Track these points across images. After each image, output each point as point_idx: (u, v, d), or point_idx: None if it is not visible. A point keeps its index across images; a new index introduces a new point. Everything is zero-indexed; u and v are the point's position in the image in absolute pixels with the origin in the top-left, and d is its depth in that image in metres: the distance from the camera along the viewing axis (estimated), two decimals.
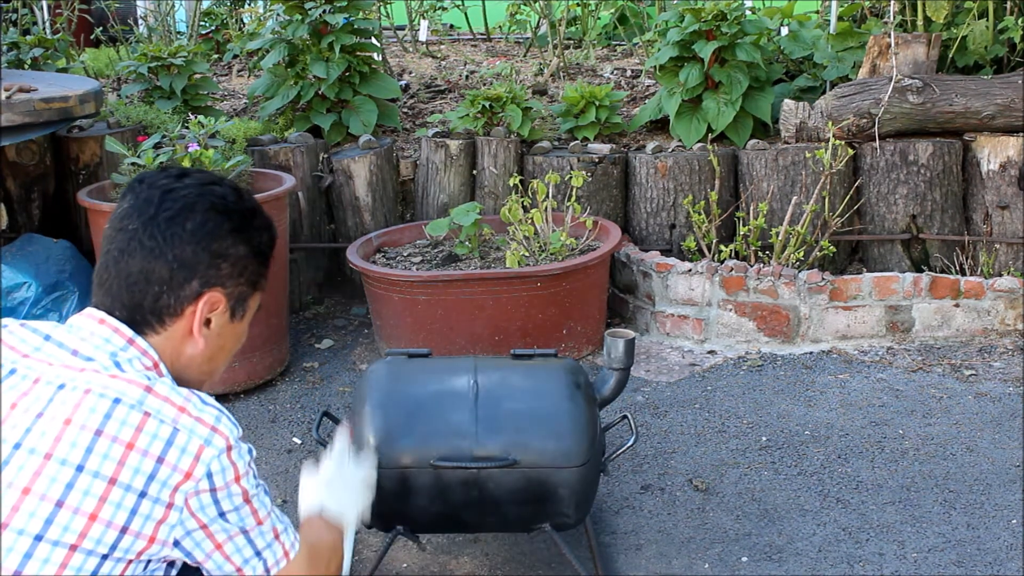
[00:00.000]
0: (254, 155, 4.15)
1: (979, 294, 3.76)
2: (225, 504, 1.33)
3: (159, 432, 1.28)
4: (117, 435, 1.26)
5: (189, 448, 1.28)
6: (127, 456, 1.26)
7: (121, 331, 1.38)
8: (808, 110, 4.28)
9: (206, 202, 1.41)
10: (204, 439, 1.30)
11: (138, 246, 1.38)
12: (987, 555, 2.49)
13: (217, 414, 1.33)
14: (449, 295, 3.55)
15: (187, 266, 1.39)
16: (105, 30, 6.46)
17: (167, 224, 1.39)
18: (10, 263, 3.52)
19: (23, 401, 1.30)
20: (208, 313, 1.43)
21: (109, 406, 1.27)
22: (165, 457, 1.27)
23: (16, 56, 4.70)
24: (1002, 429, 3.13)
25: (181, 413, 1.30)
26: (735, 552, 2.54)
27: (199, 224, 1.40)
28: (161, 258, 1.38)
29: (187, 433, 1.29)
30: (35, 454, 1.25)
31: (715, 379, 3.57)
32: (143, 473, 1.26)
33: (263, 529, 1.39)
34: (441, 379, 2.28)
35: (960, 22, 4.56)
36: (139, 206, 1.40)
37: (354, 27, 4.45)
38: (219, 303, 1.44)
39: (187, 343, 1.43)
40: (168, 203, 1.40)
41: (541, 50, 6.10)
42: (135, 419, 1.27)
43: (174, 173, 1.45)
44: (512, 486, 2.15)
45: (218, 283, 1.43)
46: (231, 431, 1.33)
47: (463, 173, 4.37)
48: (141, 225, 1.39)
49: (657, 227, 4.27)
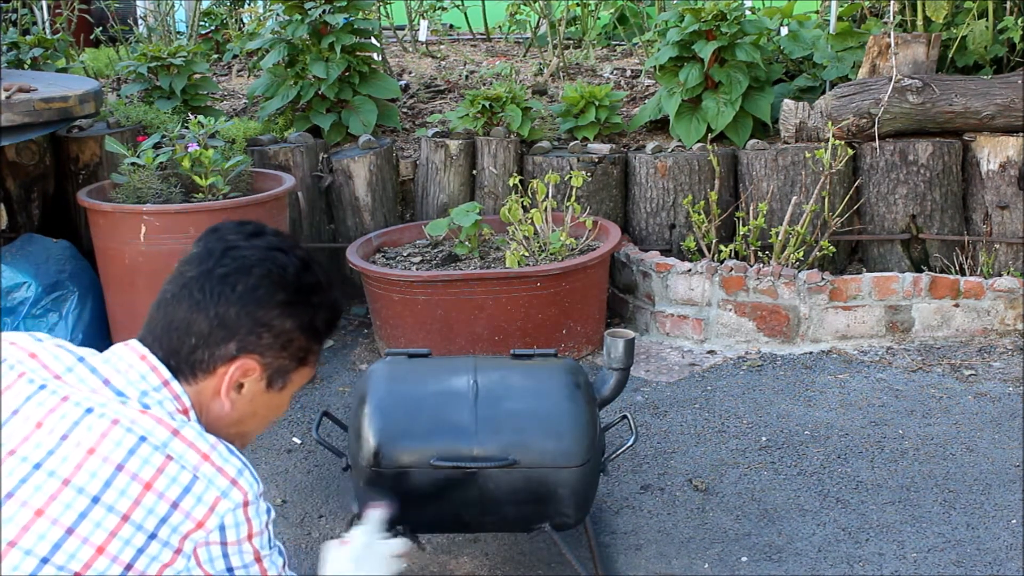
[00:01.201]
0: (254, 155, 4.15)
1: (979, 294, 3.76)
2: (234, 560, 1.31)
3: (179, 477, 1.27)
4: (137, 473, 1.25)
5: (205, 498, 1.27)
6: (143, 496, 1.25)
7: (159, 371, 1.37)
8: (808, 110, 4.28)
9: (264, 268, 1.39)
10: (222, 491, 1.28)
11: (187, 295, 1.37)
12: (987, 555, 2.49)
13: (240, 467, 1.31)
14: (449, 295, 3.55)
15: (227, 327, 1.37)
16: (105, 30, 6.46)
17: (219, 281, 1.37)
18: (10, 263, 3.52)
19: (49, 420, 1.29)
20: (240, 378, 1.41)
21: (134, 442, 1.27)
22: (180, 503, 1.26)
23: (16, 56, 4.70)
24: (1002, 429, 3.13)
25: (204, 461, 1.29)
26: (735, 552, 2.54)
27: (249, 288, 1.38)
28: (204, 312, 1.37)
29: (205, 482, 1.28)
30: (54, 477, 1.25)
31: (715, 379, 3.57)
32: (156, 515, 1.25)
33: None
34: (441, 379, 2.27)
35: (960, 22, 4.56)
36: (201, 255, 1.40)
37: (354, 27, 4.45)
38: (253, 370, 1.41)
39: (215, 402, 1.41)
40: (227, 260, 1.39)
41: (541, 50, 6.10)
42: (157, 460, 1.26)
43: (249, 230, 1.43)
44: (512, 486, 2.15)
45: (256, 351, 1.40)
46: (251, 487, 1.31)
47: (463, 173, 4.37)
48: (196, 275, 1.38)
49: (657, 227, 4.27)
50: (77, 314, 3.56)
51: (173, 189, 3.54)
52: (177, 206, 3.36)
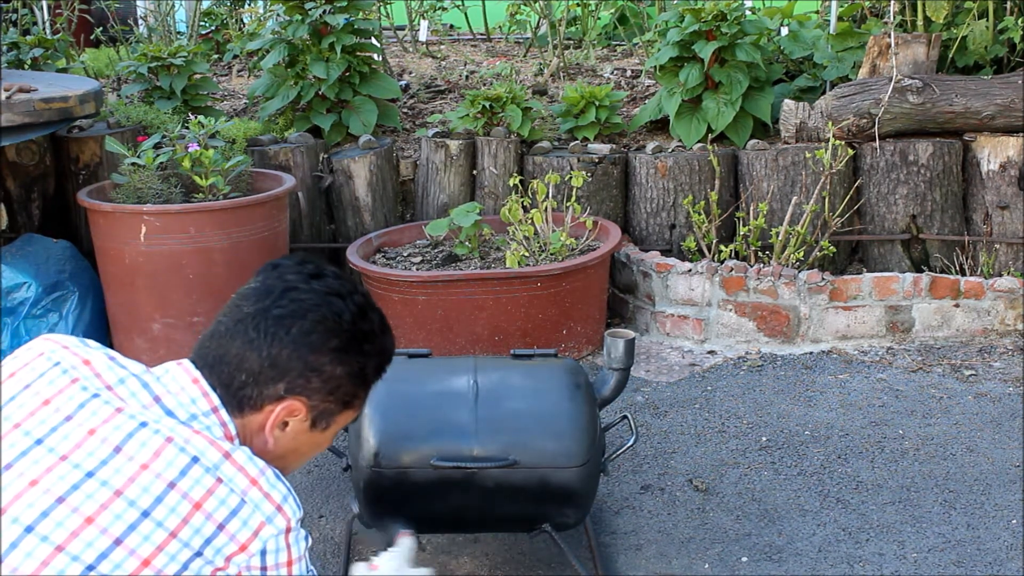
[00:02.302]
0: (254, 155, 4.15)
1: (979, 294, 3.76)
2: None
3: (227, 500, 1.28)
4: (188, 492, 1.26)
5: (250, 522, 1.28)
6: (192, 515, 1.26)
7: (210, 397, 1.38)
8: (808, 110, 4.28)
9: (319, 313, 1.39)
10: (267, 516, 1.30)
11: (242, 331, 1.38)
12: (987, 555, 2.49)
13: (285, 493, 1.33)
14: (449, 295, 3.55)
15: (278, 367, 1.38)
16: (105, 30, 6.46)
17: (274, 322, 1.38)
18: (10, 263, 3.52)
19: (102, 429, 1.29)
20: (285, 417, 1.42)
21: (187, 462, 1.27)
22: (226, 526, 1.27)
23: (16, 56, 4.70)
24: (1002, 429, 3.13)
25: (252, 486, 1.30)
26: (735, 552, 2.54)
27: (303, 332, 1.39)
28: (257, 351, 1.38)
29: (252, 507, 1.29)
30: (106, 487, 1.25)
31: (715, 379, 3.57)
32: (202, 535, 1.26)
33: None
34: (441, 379, 2.28)
35: (960, 22, 4.56)
36: (260, 292, 1.40)
37: (354, 27, 4.44)
38: (299, 411, 1.42)
39: (258, 437, 1.43)
40: (284, 301, 1.39)
41: (541, 50, 6.10)
42: (208, 481, 1.27)
43: (309, 271, 1.43)
44: (512, 486, 2.15)
45: (304, 394, 1.41)
46: (294, 513, 1.33)
47: (463, 173, 4.37)
48: (253, 312, 1.39)
49: (657, 227, 4.27)
50: (77, 314, 3.57)
51: (173, 189, 3.54)
52: (177, 206, 3.36)
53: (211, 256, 3.34)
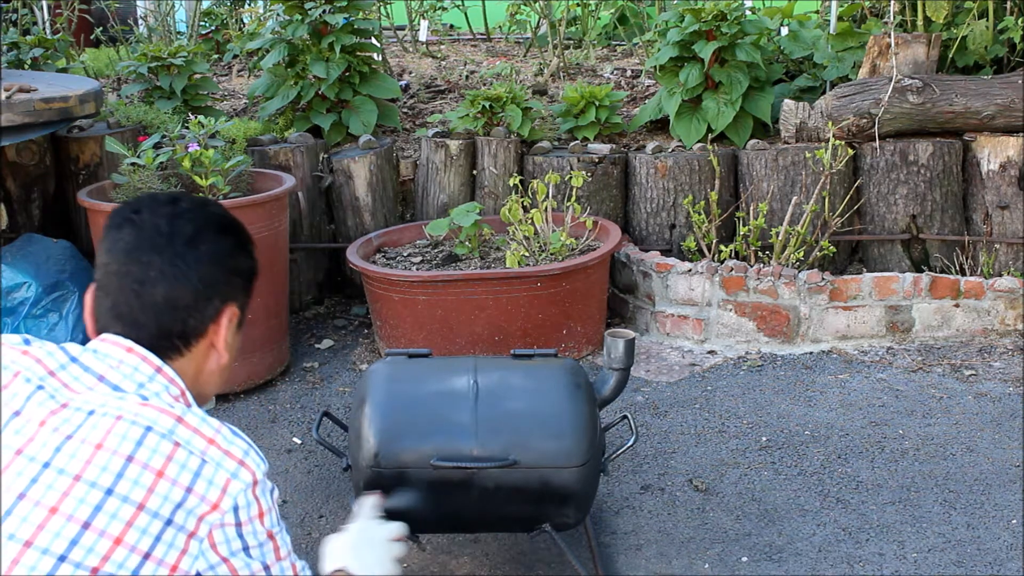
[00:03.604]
0: (254, 155, 4.15)
1: (979, 294, 3.76)
2: (250, 539, 1.34)
3: (188, 463, 1.29)
4: (148, 462, 1.27)
5: (216, 480, 1.30)
6: (156, 484, 1.26)
7: (149, 360, 1.39)
8: (808, 110, 4.28)
9: (212, 224, 1.45)
10: (231, 472, 1.31)
11: (159, 275, 1.40)
12: (987, 555, 2.49)
13: (246, 448, 1.35)
14: (449, 295, 3.55)
15: (209, 286, 1.43)
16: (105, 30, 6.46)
17: (185, 249, 1.41)
18: (10, 263, 3.52)
19: (52, 420, 1.30)
20: (228, 326, 1.47)
21: (141, 433, 1.28)
22: (193, 487, 1.28)
23: (16, 56, 4.70)
24: (1002, 429, 3.13)
25: (210, 445, 1.32)
26: (735, 552, 2.54)
27: (213, 245, 1.44)
28: (186, 283, 1.40)
29: (215, 465, 1.30)
30: (64, 475, 1.26)
31: (715, 379, 3.57)
32: (171, 501, 1.27)
33: (283, 565, 1.40)
34: (441, 379, 2.28)
35: (960, 22, 4.56)
36: (149, 236, 1.41)
37: (354, 27, 4.44)
38: (235, 316, 1.48)
39: (210, 358, 1.47)
40: (179, 228, 1.42)
41: (541, 50, 6.10)
42: (166, 448, 1.28)
43: (167, 199, 1.47)
44: (512, 486, 2.15)
45: (233, 298, 1.47)
46: (258, 466, 1.35)
47: (463, 173, 4.37)
48: (158, 254, 1.40)
49: (657, 227, 4.27)
50: (77, 314, 3.56)
51: (173, 189, 3.54)
52: None
53: None
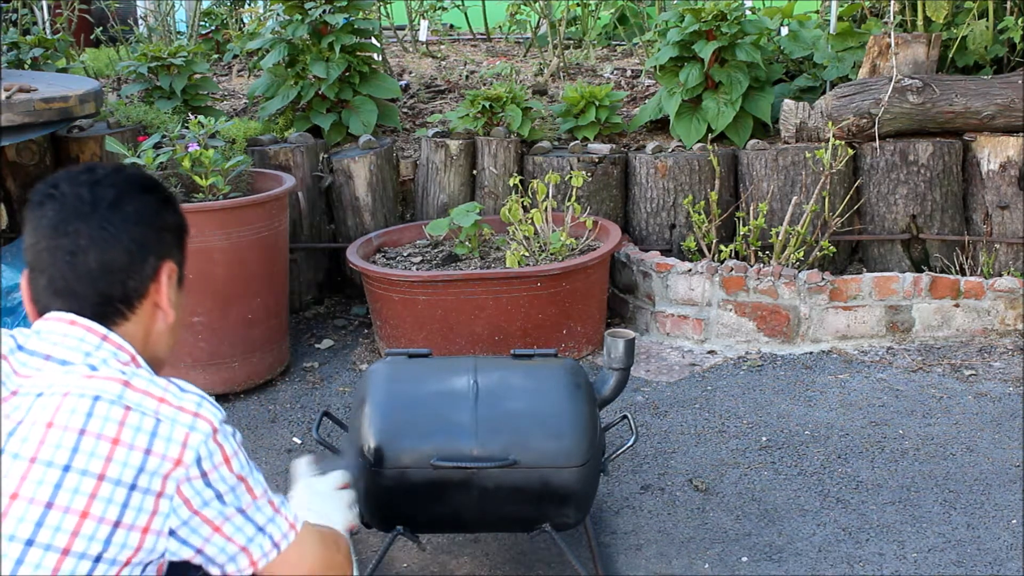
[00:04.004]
0: (254, 155, 4.15)
1: (979, 294, 3.76)
2: (219, 486, 1.33)
3: (142, 425, 1.28)
4: (101, 432, 1.26)
5: (175, 436, 1.29)
6: (113, 451, 1.26)
7: (94, 329, 1.38)
8: (808, 110, 4.28)
9: (132, 185, 1.45)
10: (188, 426, 1.31)
11: (89, 243, 1.39)
12: (987, 555, 2.49)
13: (198, 400, 1.35)
14: (449, 295, 3.55)
15: (142, 245, 1.42)
16: (105, 30, 6.46)
17: (110, 213, 1.41)
18: (10, 263, 3.52)
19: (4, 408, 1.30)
20: (168, 285, 1.47)
21: (90, 404, 1.27)
22: (152, 448, 1.28)
23: (16, 56, 4.70)
24: (1002, 429, 3.13)
25: (161, 403, 1.31)
26: (735, 552, 2.54)
27: (138, 205, 1.44)
28: (117, 245, 1.40)
29: (170, 423, 1.30)
30: (19, 459, 1.25)
31: (715, 379, 3.57)
32: (131, 467, 1.26)
33: (260, 504, 1.39)
34: (441, 379, 2.27)
35: (960, 22, 4.56)
36: (72, 207, 1.41)
37: (354, 27, 4.44)
38: (173, 272, 1.48)
39: (157, 319, 1.46)
40: (100, 194, 1.42)
41: (541, 50, 6.10)
42: (117, 414, 1.28)
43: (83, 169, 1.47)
44: (512, 486, 2.15)
45: (168, 254, 1.47)
46: (214, 415, 1.34)
47: (463, 173, 4.37)
48: (84, 222, 1.40)
49: (657, 227, 4.27)
50: None
51: (173, 189, 3.54)
52: None
53: (211, 256, 3.33)
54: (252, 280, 3.45)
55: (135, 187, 1.45)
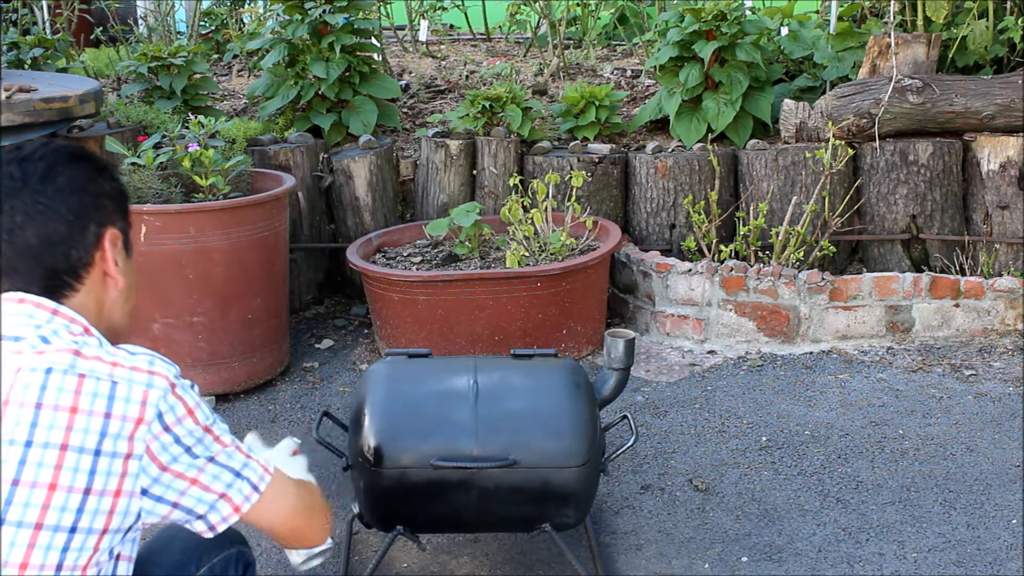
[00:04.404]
0: (254, 155, 4.15)
1: (979, 294, 3.76)
2: (187, 439, 1.33)
3: (98, 389, 1.28)
4: (57, 403, 1.26)
5: (133, 396, 1.29)
6: (73, 420, 1.26)
7: (43, 304, 1.37)
8: (808, 110, 4.28)
9: (62, 156, 1.44)
10: (145, 384, 1.31)
11: (26, 218, 1.38)
12: (987, 555, 2.49)
13: (150, 358, 1.35)
14: (449, 295, 3.55)
15: (79, 214, 1.41)
16: (105, 30, 6.46)
17: (42, 185, 1.40)
18: None
19: None
20: (114, 252, 1.45)
21: (43, 378, 1.27)
22: (111, 411, 1.28)
23: (16, 56, 4.70)
24: (1002, 429, 3.13)
25: (115, 367, 1.31)
26: (735, 552, 2.54)
27: (70, 175, 1.42)
28: (54, 217, 1.39)
29: (126, 383, 1.30)
30: None
31: (715, 379, 3.57)
32: (93, 432, 1.26)
33: (230, 452, 1.39)
34: (441, 379, 2.28)
35: (960, 22, 4.56)
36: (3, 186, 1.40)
37: (354, 27, 4.44)
38: (118, 238, 1.47)
39: (107, 287, 1.46)
40: (30, 168, 1.41)
41: (541, 50, 6.10)
42: (71, 383, 1.27)
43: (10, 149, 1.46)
44: (512, 486, 2.15)
45: (109, 221, 1.45)
46: (168, 370, 1.34)
47: (463, 173, 4.37)
48: (17, 198, 1.39)
49: (657, 227, 4.27)
50: None
51: (173, 189, 3.54)
52: (177, 206, 3.36)
53: (211, 256, 3.33)
54: (252, 280, 3.45)
55: (64, 157, 1.44)
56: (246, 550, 1.68)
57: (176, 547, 1.61)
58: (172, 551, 1.60)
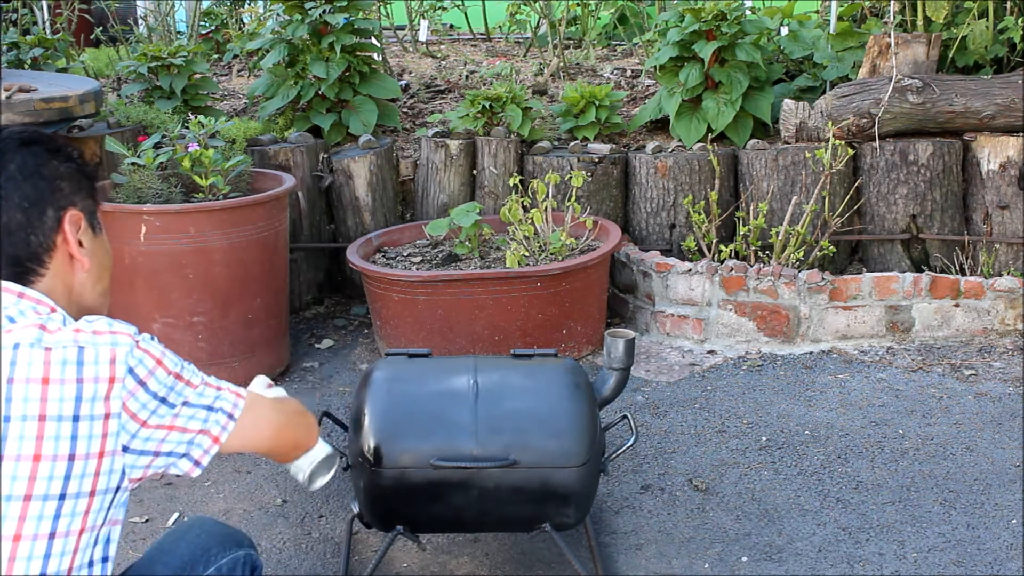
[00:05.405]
0: (254, 155, 4.15)
1: (979, 294, 3.76)
2: (161, 390, 1.36)
3: (67, 356, 1.29)
4: (28, 376, 1.27)
5: (101, 357, 1.31)
6: (46, 391, 1.27)
7: (9, 289, 1.39)
8: (808, 110, 4.29)
9: (12, 142, 1.44)
10: (110, 343, 1.33)
11: None
12: (987, 555, 2.49)
13: (107, 320, 1.37)
14: (449, 295, 3.55)
15: (35, 201, 1.41)
16: (105, 30, 6.46)
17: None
18: None
19: None
20: (77, 234, 1.45)
21: (11, 354, 1.29)
22: (83, 376, 1.29)
23: (16, 56, 4.70)
24: (1002, 429, 3.13)
25: (77, 333, 1.32)
26: (735, 552, 2.54)
27: (21, 161, 1.42)
28: (9, 206, 1.40)
29: (92, 347, 1.31)
30: None
31: (715, 379, 3.57)
32: (68, 399, 1.28)
33: (201, 390, 1.43)
34: (441, 379, 2.28)
35: (960, 22, 4.56)
36: None
37: (354, 27, 4.45)
38: (79, 219, 1.46)
39: (74, 270, 1.46)
40: None
41: (541, 50, 6.10)
42: (38, 356, 1.29)
43: None
44: (512, 486, 2.15)
45: (67, 203, 1.45)
46: (129, 327, 1.36)
47: (463, 173, 4.37)
48: None
49: (657, 227, 4.27)
50: None
51: (173, 189, 3.54)
52: (177, 206, 3.36)
53: (211, 256, 3.33)
54: (252, 280, 3.45)
55: (15, 144, 1.44)
56: (253, 553, 1.68)
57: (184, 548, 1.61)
58: (180, 552, 1.61)
